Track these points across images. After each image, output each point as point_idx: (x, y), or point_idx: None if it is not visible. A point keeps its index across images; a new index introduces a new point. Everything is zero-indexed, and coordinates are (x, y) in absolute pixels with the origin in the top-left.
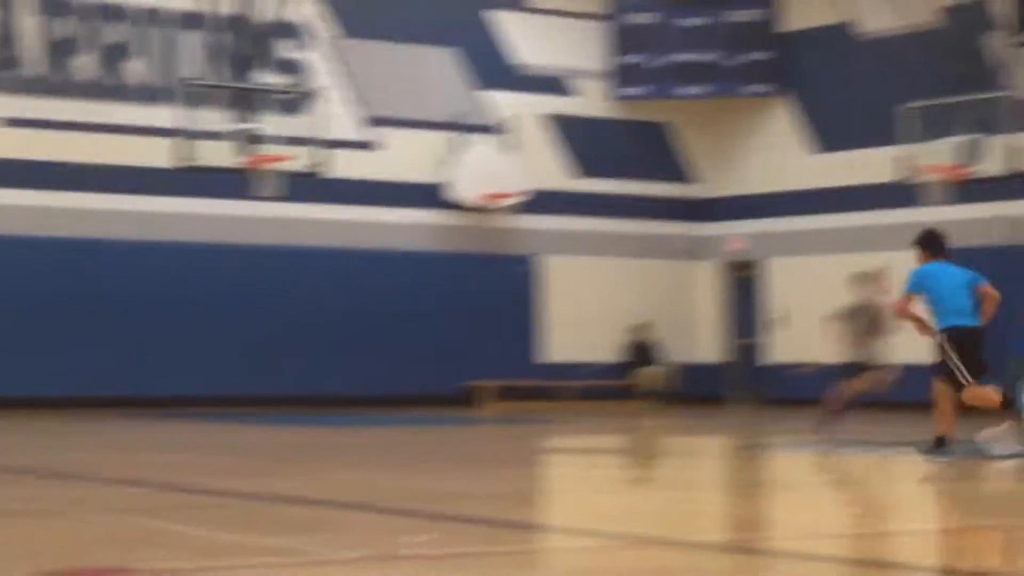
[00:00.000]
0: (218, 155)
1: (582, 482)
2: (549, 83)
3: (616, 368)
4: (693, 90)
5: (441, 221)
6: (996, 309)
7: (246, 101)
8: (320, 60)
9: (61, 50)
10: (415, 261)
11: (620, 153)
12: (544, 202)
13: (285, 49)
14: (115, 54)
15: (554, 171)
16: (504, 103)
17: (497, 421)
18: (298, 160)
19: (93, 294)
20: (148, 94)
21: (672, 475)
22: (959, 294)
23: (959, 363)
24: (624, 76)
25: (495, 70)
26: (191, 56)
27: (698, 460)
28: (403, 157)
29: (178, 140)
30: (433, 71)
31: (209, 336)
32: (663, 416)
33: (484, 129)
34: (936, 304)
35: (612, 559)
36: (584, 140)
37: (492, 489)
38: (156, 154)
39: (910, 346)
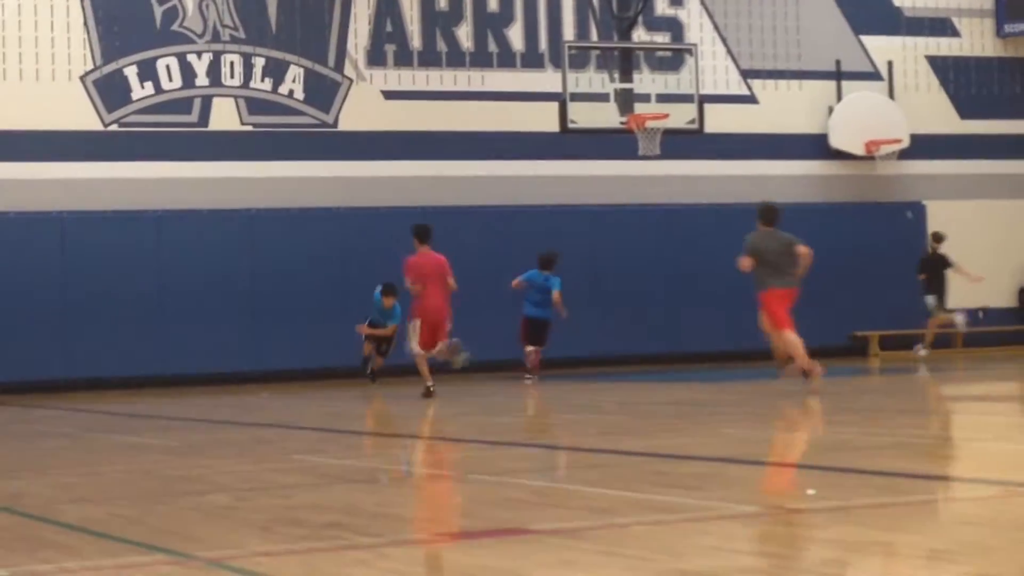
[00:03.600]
0: (601, 116)
1: (982, 430)
2: (931, 24)
3: (1011, 313)
4: None
5: (825, 171)
6: None
7: (627, 61)
8: (696, 15)
9: (442, 21)
10: (800, 213)
11: (1005, 92)
12: (929, 146)
13: (662, 6)
14: (496, 21)
15: (939, 114)
16: (884, 47)
17: (889, 371)
18: (678, 117)
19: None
20: (528, 59)
21: None
22: None
23: None
24: (1008, 12)
25: (875, 14)
26: (569, 19)
27: None
28: (783, 108)
29: (561, 103)
30: (811, 19)
31: (608, 296)
32: None
33: (866, 76)
34: None
35: (1016, 507)
36: (967, 81)
37: (889, 440)
38: (542, 119)
39: None
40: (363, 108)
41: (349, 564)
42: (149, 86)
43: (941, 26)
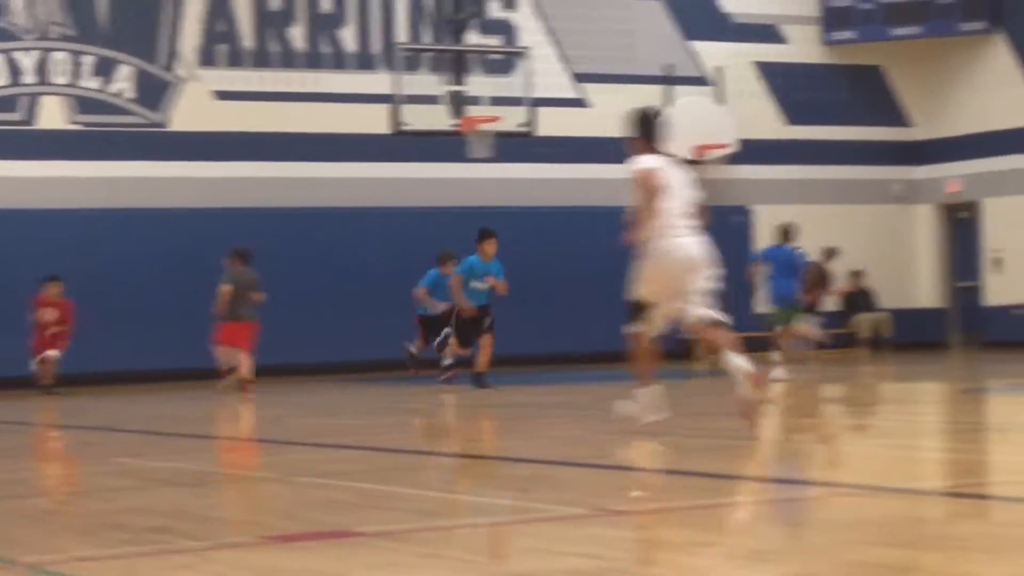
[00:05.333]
0: (433, 119)
1: (806, 432)
2: (758, 31)
3: (833, 316)
4: (905, 31)
5: None
6: None
7: (458, 64)
8: (527, 19)
9: (274, 21)
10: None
11: (832, 99)
12: (757, 151)
13: (495, 9)
14: (327, 22)
15: (764, 119)
16: (713, 53)
17: (717, 374)
18: (508, 120)
19: (316, 261)
20: (360, 61)
21: (893, 422)
22: None
23: None
24: (834, 20)
25: (703, 20)
26: (401, 21)
27: (920, 406)
28: (615, 112)
29: (392, 106)
30: (642, 24)
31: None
32: (882, 363)
33: (694, 81)
34: None
35: (837, 507)
36: (794, 87)
37: (713, 442)
38: (374, 121)
39: None
40: (194, 108)
41: (173, 568)
42: None
43: (769, 33)
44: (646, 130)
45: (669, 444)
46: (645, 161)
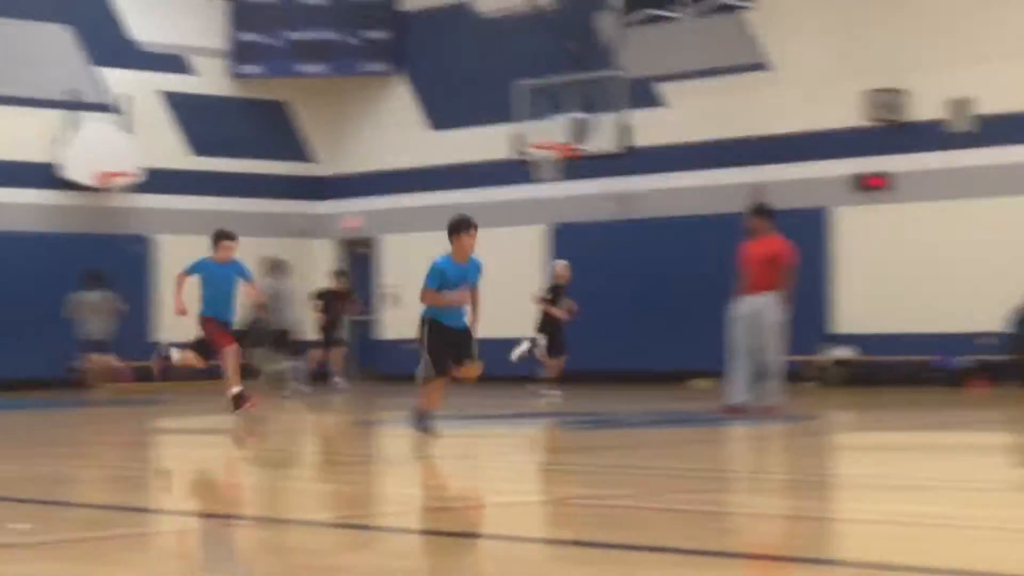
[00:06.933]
0: None
1: (184, 462)
2: (166, 60)
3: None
4: (311, 68)
5: (54, 201)
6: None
7: None
8: None
9: None
10: (27, 242)
11: (238, 132)
12: (160, 181)
13: None
14: None
15: (171, 150)
16: (120, 80)
17: (113, 403)
18: None
19: None
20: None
21: (281, 453)
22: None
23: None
24: (242, 54)
25: (111, 47)
26: None
27: (307, 437)
28: (15, 135)
29: None
30: (47, 48)
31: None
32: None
33: (99, 107)
34: None
35: (225, 538)
36: (202, 118)
37: (103, 472)
38: None
39: None
40: None
41: None
42: None
43: (177, 63)
44: None
45: (55, 474)
46: None
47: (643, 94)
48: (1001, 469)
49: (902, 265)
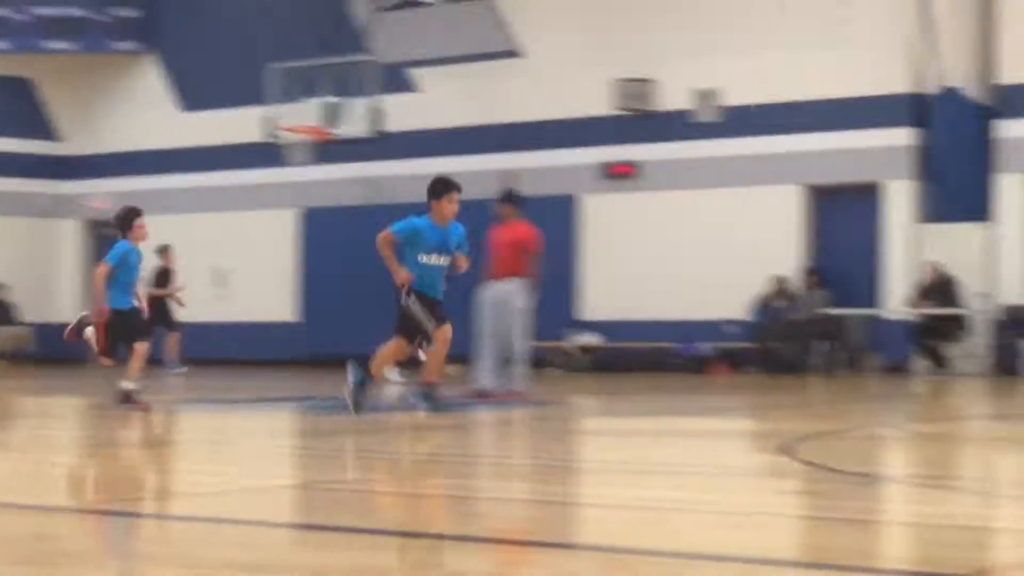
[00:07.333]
0: None
1: None
2: None
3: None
4: (59, 45)
5: None
6: None
7: None
8: None
9: None
10: None
11: None
12: None
13: None
14: None
15: None
16: None
17: None
18: None
19: None
20: None
21: (29, 437)
22: None
23: None
24: None
25: None
26: None
27: (55, 421)
28: None
29: None
30: None
31: None
32: (21, 377)
33: None
34: None
35: None
36: None
37: None
38: None
39: None
40: None
41: None
42: None
43: None
44: None
45: None
46: None
47: (396, 79)
48: (741, 454)
49: (648, 253)
